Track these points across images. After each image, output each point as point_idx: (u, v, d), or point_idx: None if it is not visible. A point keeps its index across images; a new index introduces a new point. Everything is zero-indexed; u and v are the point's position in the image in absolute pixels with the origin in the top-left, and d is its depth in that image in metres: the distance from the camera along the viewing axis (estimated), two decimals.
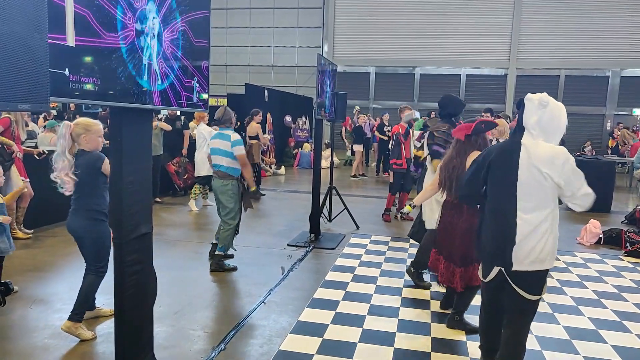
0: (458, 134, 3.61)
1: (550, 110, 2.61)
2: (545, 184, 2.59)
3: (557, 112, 2.63)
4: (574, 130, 18.09)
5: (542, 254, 2.62)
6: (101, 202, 3.44)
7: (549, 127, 2.62)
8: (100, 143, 3.47)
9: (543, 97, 2.64)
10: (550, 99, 2.65)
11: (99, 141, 3.45)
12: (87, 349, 3.34)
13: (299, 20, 20.06)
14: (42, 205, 5.89)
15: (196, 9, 2.56)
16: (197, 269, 5.01)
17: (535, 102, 2.64)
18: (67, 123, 3.45)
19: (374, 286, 4.64)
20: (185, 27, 2.48)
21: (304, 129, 15.70)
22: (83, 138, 3.37)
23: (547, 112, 2.61)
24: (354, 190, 10.45)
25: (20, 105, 1.53)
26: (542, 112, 2.61)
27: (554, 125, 2.62)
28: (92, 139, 3.40)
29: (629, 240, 6.15)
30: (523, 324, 2.77)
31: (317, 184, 6.37)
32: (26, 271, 4.70)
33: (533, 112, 2.64)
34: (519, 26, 18.03)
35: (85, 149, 3.40)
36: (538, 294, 2.70)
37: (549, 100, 2.63)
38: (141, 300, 2.52)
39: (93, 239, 3.43)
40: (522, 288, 2.66)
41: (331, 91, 6.61)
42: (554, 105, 2.63)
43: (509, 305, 2.78)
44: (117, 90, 2.05)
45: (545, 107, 2.62)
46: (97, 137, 3.43)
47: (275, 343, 3.46)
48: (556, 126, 2.62)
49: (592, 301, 4.47)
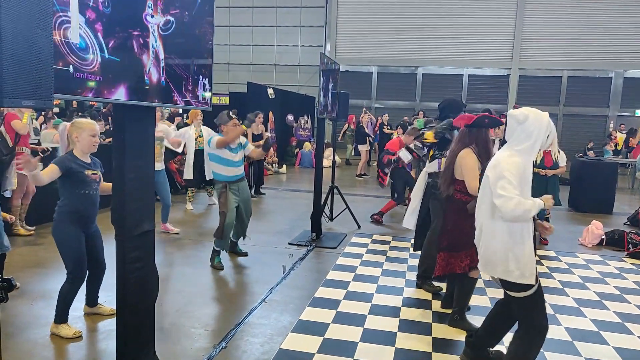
0: (459, 122, 3.64)
1: (527, 125, 2.72)
2: (489, 188, 2.76)
3: (535, 126, 2.72)
4: (576, 132, 18.10)
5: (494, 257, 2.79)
6: (66, 204, 3.38)
7: (527, 141, 2.73)
8: (91, 143, 3.39)
9: (520, 115, 2.75)
10: (532, 112, 2.75)
11: (90, 140, 3.37)
12: (88, 345, 3.35)
13: (301, 19, 20.05)
14: (45, 202, 5.88)
15: (199, 7, 2.55)
16: (199, 266, 5.01)
17: (514, 118, 2.78)
18: (64, 124, 3.45)
19: (375, 285, 4.64)
20: (188, 24, 2.48)
21: (306, 128, 15.69)
22: (75, 136, 3.35)
23: (526, 128, 2.73)
24: (355, 189, 10.45)
25: (25, 101, 1.53)
26: (521, 128, 2.74)
27: (532, 139, 2.72)
28: (82, 138, 3.34)
29: (632, 241, 6.13)
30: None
31: (319, 183, 6.37)
32: (28, 267, 4.71)
33: (513, 129, 2.79)
34: (522, 26, 18.01)
35: (76, 151, 3.36)
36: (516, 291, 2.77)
37: (528, 115, 2.74)
38: (143, 297, 2.52)
39: (62, 241, 3.40)
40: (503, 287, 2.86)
41: (333, 90, 6.61)
42: (532, 120, 2.72)
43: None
44: (121, 87, 2.04)
45: (523, 124, 2.73)
46: (88, 136, 3.35)
47: (276, 342, 3.46)
48: (534, 140, 2.72)
49: (594, 302, 4.46)
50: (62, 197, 3.40)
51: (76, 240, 3.42)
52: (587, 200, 8.69)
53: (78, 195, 3.36)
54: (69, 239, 3.39)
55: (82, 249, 3.45)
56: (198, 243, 5.91)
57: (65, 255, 3.41)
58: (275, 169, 12.73)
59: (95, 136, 3.42)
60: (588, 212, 8.41)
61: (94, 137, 3.40)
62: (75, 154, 3.37)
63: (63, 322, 3.44)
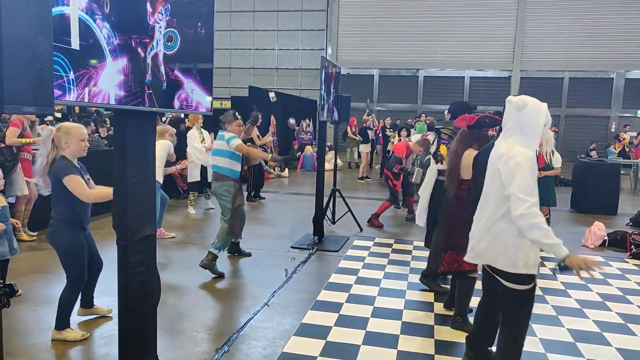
0: (460, 122, 3.66)
1: (526, 112, 2.68)
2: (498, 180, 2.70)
3: (534, 113, 2.68)
4: (578, 132, 18.07)
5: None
6: (66, 212, 3.35)
7: (526, 129, 2.69)
8: (81, 147, 3.37)
9: (520, 100, 2.71)
10: (530, 100, 2.71)
11: (80, 145, 3.35)
12: (90, 350, 3.36)
13: (302, 23, 20.10)
14: (47, 207, 5.88)
15: (200, 12, 2.57)
16: (201, 271, 5.02)
17: (513, 104, 2.73)
18: (49, 128, 3.39)
19: (377, 288, 4.64)
20: (189, 29, 2.49)
21: (308, 131, 15.72)
22: (64, 142, 3.30)
23: (524, 115, 2.69)
24: (357, 192, 10.45)
25: (26, 108, 1.54)
26: (519, 114, 2.70)
27: (532, 126, 2.69)
28: (72, 143, 3.32)
29: (634, 242, 6.11)
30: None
31: (321, 186, 6.37)
32: (30, 273, 4.72)
33: (511, 114, 2.74)
34: (523, 28, 18.02)
35: (67, 155, 3.32)
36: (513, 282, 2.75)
37: (528, 102, 2.69)
38: (145, 301, 2.53)
39: (65, 249, 3.37)
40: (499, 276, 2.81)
41: (335, 93, 6.62)
42: (532, 108, 2.69)
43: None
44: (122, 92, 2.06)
45: (522, 110, 2.69)
46: (77, 141, 3.33)
47: (278, 345, 3.46)
48: (533, 128, 2.68)
49: (597, 304, 4.45)
50: (59, 205, 3.36)
51: (82, 249, 3.42)
52: (590, 201, 8.68)
53: (76, 199, 3.31)
54: (76, 248, 3.38)
55: (86, 255, 3.46)
56: (200, 247, 5.91)
57: (70, 264, 3.39)
58: (277, 172, 12.75)
59: (84, 140, 3.39)
60: (591, 213, 8.39)
61: (83, 141, 3.37)
62: (69, 159, 3.34)
63: (66, 327, 3.45)
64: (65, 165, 3.29)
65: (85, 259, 3.45)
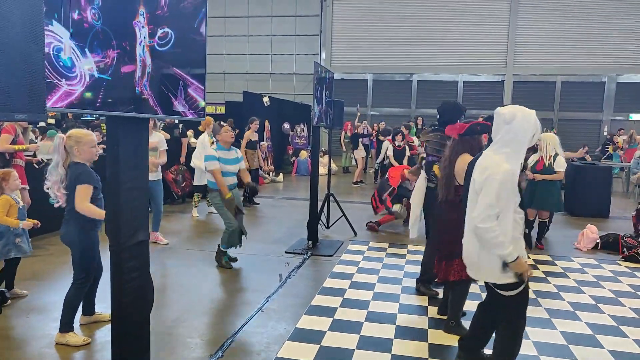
0: (451, 132, 3.66)
1: (514, 125, 2.67)
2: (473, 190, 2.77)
3: (521, 126, 2.66)
4: (570, 136, 18.16)
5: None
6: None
7: (512, 143, 2.69)
8: (93, 153, 3.50)
9: (508, 114, 2.69)
10: (520, 112, 2.69)
11: (92, 152, 3.48)
12: (84, 357, 3.34)
13: (296, 28, 20.15)
14: (40, 213, 5.88)
15: (191, 17, 2.58)
16: (195, 276, 5.01)
17: (501, 117, 2.72)
18: (61, 135, 3.50)
19: (371, 293, 4.65)
20: (180, 34, 2.50)
21: (302, 136, 15.74)
22: (75, 150, 3.42)
23: (512, 128, 2.67)
24: (351, 196, 10.47)
25: (17, 115, 1.55)
26: (508, 128, 2.69)
27: (518, 140, 2.68)
28: (84, 151, 3.43)
29: (626, 245, 6.16)
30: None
31: (315, 190, 6.38)
32: (24, 280, 4.68)
33: (499, 127, 2.73)
34: (516, 32, 18.15)
35: (79, 161, 3.43)
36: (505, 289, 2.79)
37: (516, 115, 2.67)
38: (138, 307, 2.53)
39: (81, 248, 3.46)
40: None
41: (328, 99, 6.64)
42: (519, 120, 2.67)
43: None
44: (114, 99, 2.06)
45: (510, 124, 2.68)
46: (89, 148, 3.46)
47: (272, 350, 3.46)
48: (520, 141, 2.68)
49: (589, 306, 4.48)
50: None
51: (97, 248, 3.57)
52: (583, 204, 8.72)
53: (94, 201, 3.43)
54: (93, 247, 3.52)
55: (96, 255, 3.61)
56: (194, 252, 5.90)
57: (84, 262, 3.49)
58: (272, 177, 12.75)
59: (95, 146, 3.52)
60: (583, 216, 8.44)
61: (94, 147, 3.50)
62: (86, 165, 3.46)
63: (70, 330, 3.47)
64: (86, 173, 3.41)
65: (96, 259, 3.58)
